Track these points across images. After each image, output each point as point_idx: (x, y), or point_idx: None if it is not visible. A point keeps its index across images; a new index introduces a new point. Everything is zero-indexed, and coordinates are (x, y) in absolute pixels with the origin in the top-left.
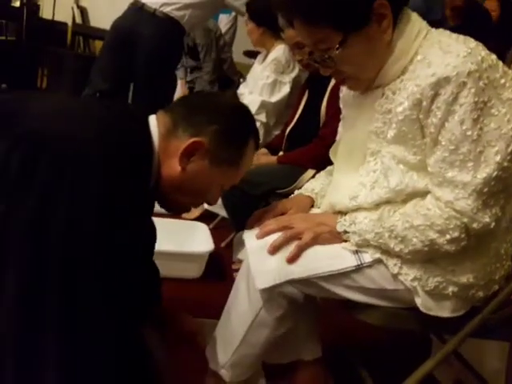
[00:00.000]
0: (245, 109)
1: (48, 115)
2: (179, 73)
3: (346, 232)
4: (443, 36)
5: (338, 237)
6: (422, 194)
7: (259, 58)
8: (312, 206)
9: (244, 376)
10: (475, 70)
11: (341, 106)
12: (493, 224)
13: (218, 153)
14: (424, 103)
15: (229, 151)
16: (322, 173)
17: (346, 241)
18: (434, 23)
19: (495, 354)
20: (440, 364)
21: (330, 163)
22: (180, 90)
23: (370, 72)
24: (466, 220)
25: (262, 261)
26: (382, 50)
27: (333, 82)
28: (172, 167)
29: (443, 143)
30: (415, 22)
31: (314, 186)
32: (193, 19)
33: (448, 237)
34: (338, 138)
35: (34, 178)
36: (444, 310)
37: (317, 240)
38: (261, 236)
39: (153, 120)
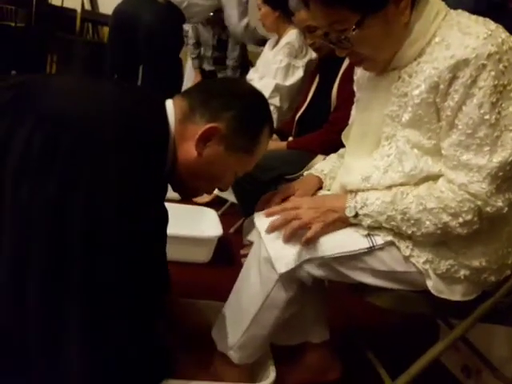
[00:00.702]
0: (261, 96)
1: (69, 95)
2: (194, 62)
3: (356, 216)
4: (462, 17)
5: (347, 222)
6: (436, 178)
7: (269, 43)
8: (320, 188)
9: (252, 358)
10: (495, 52)
11: (355, 88)
12: (506, 209)
13: (234, 139)
14: (441, 86)
15: (245, 138)
16: (333, 155)
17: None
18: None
19: (504, 340)
20: (448, 349)
21: (339, 149)
22: (195, 80)
23: (386, 53)
24: (479, 203)
25: (279, 246)
26: (399, 31)
27: (344, 66)
28: (188, 152)
29: (460, 127)
30: (434, 3)
31: (323, 167)
32: (193, 7)
33: (461, 220)
34: (350, 121)
35: (55, 159)
36: (455, 294)
37: (326, 230)
38: (270, 229)
39: (169, 104)
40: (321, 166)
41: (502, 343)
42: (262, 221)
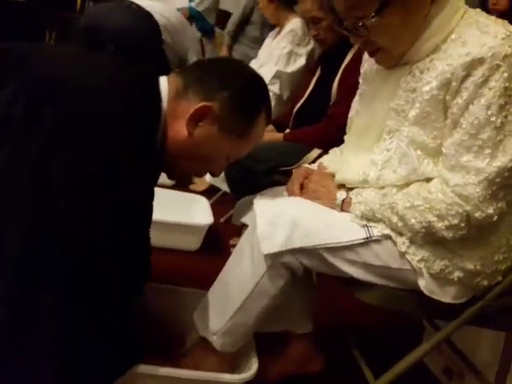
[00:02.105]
0: (260, 79)
1: (61, 63)
2: (226, 38)
3: (343, 202)
4: (481, 16)
5: (332, 198)
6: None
7: (272, 33)
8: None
9: (235, 346)
10: (511, 54)
11: (360, 81)
12: (495, 217)
13: (228, 120)
14: (453, 83)
15: (239, 120)
16: (337, 149)
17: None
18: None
19: (489, 344)
20: (433, 349)
21: (337, 144)
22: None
23: (402, 46)
24: (468, 208)
25: (270, 227)
26: (418, 23)
27: (346, 60)
28: (179, 130)
29: (464, 126)
30: None
31: (322, 160)
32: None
33: (447, 223)
34: (350, 114)
35: (39, 122)
36: (446, 296)
37: (310, 197)
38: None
39: (164, 80)
40: (322, 159)
41: (487, 347)
42: (261, 206)
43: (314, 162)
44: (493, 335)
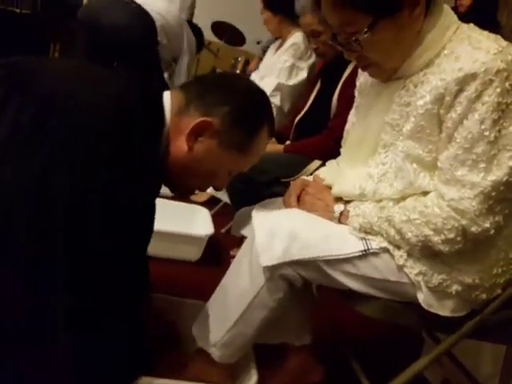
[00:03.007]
0: (261, 94)
1: (64, 77)
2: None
3: (341, 215)
4: (474, 32)
5: (329, 211)
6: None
7: (273, 46)
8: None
9: (234, 357)
10: (504, 69)
11: (356, 94)
12: (492, 231)
13: (228, 135)
14: (447, 98)
15: (239, 135)
16: (333, 161)
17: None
18: None
19: (489, 355)
20: (433, 362)
21: (336, 156)
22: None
23: (395, 61)
24: (464, 223)
25: (268, 240)
26: (410, 38)
27: (346, 73)
28: (180, 145)
29: (458, 140)
30: (447, 15)
31: (319, 172)
32: None
33: (443, 237)
34: (347, 127)
35: (43, 140)
36: (445, 309)
37: (308, 209)
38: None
39: (167, 95)
40: (318, 171)
41: (488, 359)
42: (259, 219)
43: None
44: (493, 347)
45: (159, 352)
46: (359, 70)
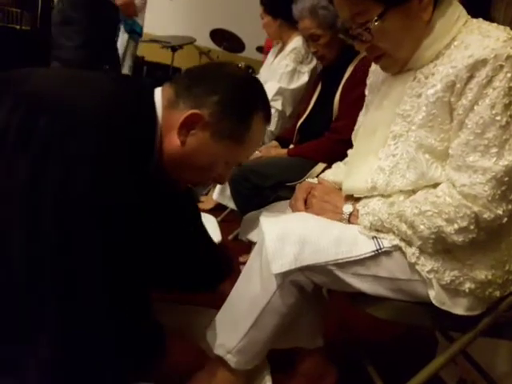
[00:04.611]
0: (252, 80)
1: (55, 80)
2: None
3: (350, 216)
4: (483, 23)
5: (338, 212)
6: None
7: (273, 50)
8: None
9: (250, 364)
10: None
11: (366, 92)
12: (505, 219)
13: (220, 126)
14: (458, 85)
15: (231, 125)
16: (340, 163)
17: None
18: None
19: (505, 354)
20: (449, 362)
21: (341, 158)
22: None
23: (405, 51)
24: (476, 209)
25: (278, 246)
26: (419, 28)
27: (346, 76)
28: (172, 140)
29: (469, 126)
30: (456, 7)
31: (324, 175)
32: None
33: (456, 226)
34: (356, 126)
35: (30, 142)
36: (457, 307)
37: (317, 213)
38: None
39: (158, 92)
40: (325, 173)
41: (504, 357)
42: (269, 225)
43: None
44: (509, 345)
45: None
46: (370, 70)
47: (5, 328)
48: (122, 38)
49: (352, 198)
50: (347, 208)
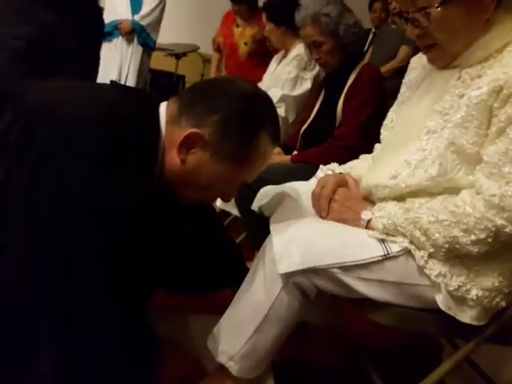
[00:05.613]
0: (259, 96)
1: (55, 92)
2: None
3: (369, 222)
4: None
5: (358, 219)
6: (457, 191)
7: (276, 57)
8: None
9: (252, 372)
10: None
11: (403, 88)
12: None
13: (221, 146)
14: (505, 91)
15: (233, 144)
16: (368, 156)
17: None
18: None
19: (511, 361)
20: (454, 368)
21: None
22: None
23: (458, 45)
24: (499, 223)
25: (286, 247)
26: (478, 25)
27: (349, 82)
28: (173, 157)
29: (511, 136)
30: None
31: (352, 164)
32: None
33: (473, 237)
34: (385, 122)
35: (29, 153)
36: (464, 314)
37: (336, 218)
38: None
39: (163, 106)
40: (350, 163)
41: (509, 365)
42: (276, 225)
43: None
44: None
45: (175, 367)
46: (409, 66)
47: (3, 333)
48: (137, 51)
49: (371, 203)
50: (366, 215)
